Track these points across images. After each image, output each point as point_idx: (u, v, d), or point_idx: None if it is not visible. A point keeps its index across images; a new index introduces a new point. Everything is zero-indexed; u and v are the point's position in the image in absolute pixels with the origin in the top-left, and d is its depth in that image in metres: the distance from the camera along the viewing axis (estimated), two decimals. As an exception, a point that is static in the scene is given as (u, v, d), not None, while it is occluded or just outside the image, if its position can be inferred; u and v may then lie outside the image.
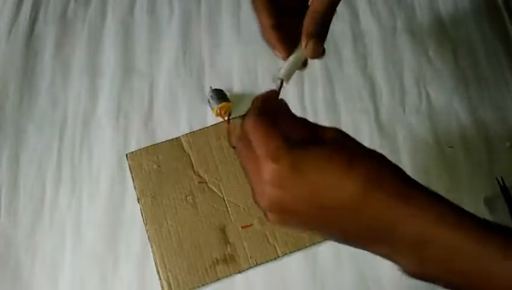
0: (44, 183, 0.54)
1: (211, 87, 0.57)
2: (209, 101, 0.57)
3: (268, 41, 0.37)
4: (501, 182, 0.53)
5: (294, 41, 0.36)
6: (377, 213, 0.30)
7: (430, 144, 0.57)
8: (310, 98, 0.59)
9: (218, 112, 0.56)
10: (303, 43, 0.36)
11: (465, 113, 0.58)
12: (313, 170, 0.30)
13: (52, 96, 0.60)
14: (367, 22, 0.65)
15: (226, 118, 0.56)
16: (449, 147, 0.56)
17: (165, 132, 0.57)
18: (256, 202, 0.33)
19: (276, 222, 0.33)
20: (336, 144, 0.32)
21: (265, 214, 0.34)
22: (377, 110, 0.59)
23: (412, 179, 0.31)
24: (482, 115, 0.58)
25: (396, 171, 0.31)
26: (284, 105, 0.35)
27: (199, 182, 0.54)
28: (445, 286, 0.31)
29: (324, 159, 0.30)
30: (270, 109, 0.33)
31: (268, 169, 0.30)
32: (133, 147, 0.56)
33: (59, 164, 0.55)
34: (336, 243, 0.34)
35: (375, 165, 0.31)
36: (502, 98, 0.59)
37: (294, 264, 0.50)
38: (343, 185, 0.30)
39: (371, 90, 0.60)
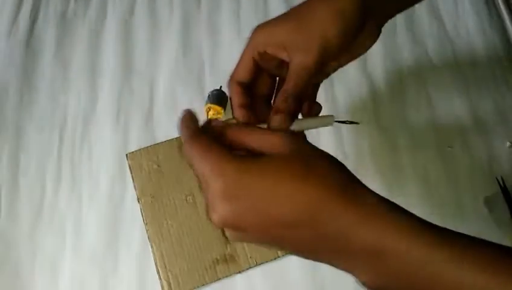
0: (44, 183, 0.54)
1: (220, 87, 0.57)
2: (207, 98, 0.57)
3: (236, 118, 0.37)
4: (501, 182, 0.53)
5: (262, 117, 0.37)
6: (328, 223, 0.29)
7: (430, 144, 0.57)
8: (310, 98, 0.59)
9: (207, 110, 0.56)
10: (271, 115, 0.36)
11: (465, 113, 0.58)
12: (262, 182, 0.29)
13: (52, 95, 0.60)
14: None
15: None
16: (449, 147, 0.56)
17: (165, 132, 0.57)
18: (210, 219, 0.32)
19: (234, 239, 0.32)
20: (286, 153, 0.31)
21: (222, 232, 0.32)
22: (377, 110, 0.59)
23: (366, 187, 0.31)
24: (482, 115, 0.58)
25: (346, 176, 0.31)
26: (218, 122, 0.34)
27: (199, 182, 0.54)
28: None
29: (276, 169, 0.30)
30: (204, 128, 0.33)
31: (215, 184, 0.30)
32: (133, 147, 0.56)
33: (59, 164, 0.55)
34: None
35: (328, 173, 0.30)
36: (502, 98, 0.59)
37: (294, 264, 0.50)
38: (297, 197, 0.29)
39: (371, 90, 0.60)
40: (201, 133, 0.32)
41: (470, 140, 0.57)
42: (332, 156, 0.31)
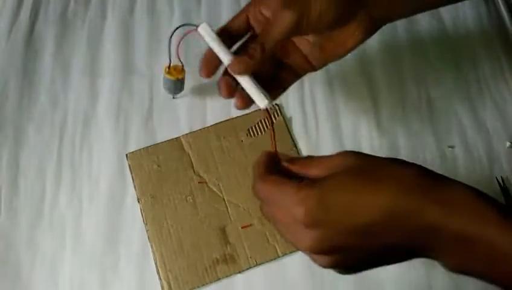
0: (44, 183, 0.54)
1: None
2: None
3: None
4: (501, 182, 0.53)
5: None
6: (411, 219, 0.29)
7: (430, 144, 0.57)
8: (310, 98, 0.59)
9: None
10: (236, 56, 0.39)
11: (465, 113, 0.58)
12: (339, 198, 0.31)
13: (52, 96, 0.59)
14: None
15: None
16: (449, 147, 0.56)
17: (165, 132, 0.57)
18: (308, 253, 0.33)
19: (331, 265, 0.33)
20: (351, 166, 0.32)
21: (317, 263, 0.34)
22: (377, 110, 0.59)
23: (443, 177, 0.31)
24: (482, 115, 0.58)
25: (421, 173, 0.31)
26: (283, 155, 0.37)
27: (199, 182, 0.54)
28: (491, 283, 0.30)
29: (344, 184, 0.31)
30: (271, 167, 0.35)
31: (299, 215, 0.31)
32: (133, 147, 0.56)
33: (59, 164, 0.55)
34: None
35: (396, 172, 0.31)
36: (502, 98, 0.59)
37: (294, 264, 0.50)
38: (372, 201, 0.30)
39: (371, 90, 0.60)
40: (271, 170, 0.35)
41: (470, 140, 0.57)
42: (398, 159, 0.32)
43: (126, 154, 0.55)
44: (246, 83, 0.40)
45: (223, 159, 0.55)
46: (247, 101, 0.41)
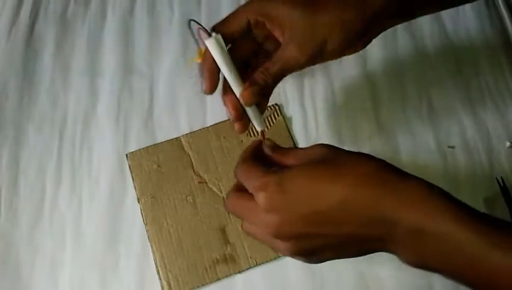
0: (44, 183, 0.54)
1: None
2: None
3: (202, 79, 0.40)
4: (501, 182, 0.53)
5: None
6: (368, 209, 0.30)
7: (430, 144, 0.57)
8: (310, 98, 0.59)
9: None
10: (246, 85, 0.39)
11: (465, 113, 0.58)
12: (299, 185, 0.32)
13: (52, 96, 0.60)
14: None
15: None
16: (449, 147, 0.56)
17: (165, 132, 0.57)
18: (268, 239, 0.35)
19: (292, 252, 0.34)
20: (318, 157, 0.34)
21: (280, 251, 0.35)
22: (377, 110, 0.59)
23: (404, 172, 0.32)
24: (482, 115, 0.58)
25: (384, 167, 0.32)
26: (268, 145, 0.39)
27: (199, 182, 0.54)
28: (448, 277, 0.31)
29: (306, 173, 0.33)
30: (255, 154, 0.37)
31: (260, 199, 0.33)
32: (133, 147, 0.56)
33: (59, 164, 0.55)
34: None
35: (359, 165, 0.32)
36: (502, 98, 0.59)
37: (294, 264, 0.50)
38: (330, 189, 0.31)
39: (371, 90, 0.60)
40: (253, 156, 0.37)
41: (470, 140, 0.57)
42: (365, 153, 0.33)
43: (126, 154, 0.55)
44: (250, 109, 0.41)
45: (223, 159, 0.55)
46: (247, 125, 0.42)
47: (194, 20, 0.38)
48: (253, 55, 0.42)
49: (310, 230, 0.32)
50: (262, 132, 0.41)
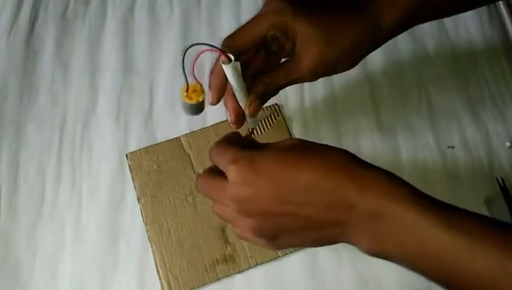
0: (44, 182, 0.54)
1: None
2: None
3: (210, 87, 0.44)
4: (501, 182, 0.53)
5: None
6: (329, 194, 0.32)
7: (430, 144, 0.57)
8: (310, 98, 0.59)
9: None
10: (250, 98, 0.42)
11: (465, 113, 0.58)
12: (269, 165, 0.34)
13: (52, 95, 0.59)
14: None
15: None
16: (449, 147, 0.56)
17: (165, 132, 0.57)
18: (227, 214, 0.37)
19: (254, 230, 0.36)
20: (289, 146, 0.36)
21: (245, 230, 0.37)
22: (377, 110, 0.59)
23: (367, 163, 0.34)
24: (482, 115, 0.58)
25: (348, 157, 0.34)
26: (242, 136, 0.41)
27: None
28: (402, 264, 0.32)
29: (277, 155, 0.34)
30: (231, 139, 0.39)
31: (231, 172, 0.34)
32: (133, 146, 0.56)
33: (59, 163, 0.55)
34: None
35: (326, 153, 0.34)
36: (502, 98, 0.59)
37: (294, 264, 0.50)
38: (297, 172, 0.33)
39: (371, 90, 0.60)
40: (223, 140, 0.39)
41: (470, 140, 0.57)
42: (335, 147, 0.35)
43: (126, 154, 0.55)
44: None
45: (223, 159, 0.55)
46: (243, 123, 0.46)
47: (206, 44, 0.39)
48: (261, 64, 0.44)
49: (274, 208, 0.33)
50: (253, 129, 0.45)
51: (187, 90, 0.47)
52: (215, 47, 0.39)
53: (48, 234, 0.52)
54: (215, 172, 0.38)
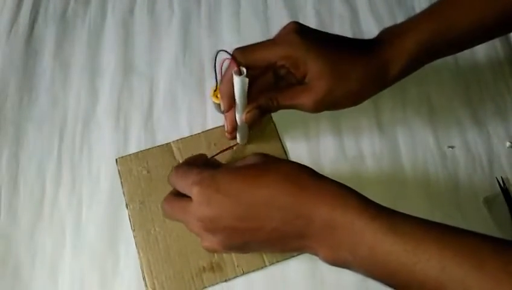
0: (44, 183, 0.54)
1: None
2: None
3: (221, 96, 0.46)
4: (501, 182, 0.53)
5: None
6: (288, 208, 0.34)
7: (430, 144, 0.57)
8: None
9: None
10: (248, 107, 0.44)
11: (465, 113, 0.58)
12: (230, 183, 0.36)
13: (52, 96, 0.60)
14: (367, 22, 0.65)
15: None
16: (449, 147, 0.56)
17: (165, 132, 0.57)
18: (195, 231, 0.39)
19: (221, 245, 0.38)
20: (250, 162, 0.39)
21: (213, 245, 0.39)
22: (377, 110, 0.59)
23: (321, 175, 0.36)
24: (482, 115, 0.58)
25: (303, 172, 0.36)
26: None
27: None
28: (363, 273, 0.35)
29: (238, 173, 0.36)
30: (196, 160, 0.42)
31: (195, 193, 0.36)
32: (132, 147, 0.56)
33: (59, 163, 0.55)
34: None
35: (282, 169, 0.36)
36: (502, 99, 0.59)
37: (294, 264, 0.50)
38: (257, 189, 0.35)
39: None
40: (184, 163, 0.42)
41: (470, 140, 0.57)
42: (292, 161, 0.39)
43: (116, 159, 0.55)
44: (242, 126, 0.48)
45: (213, 166, 0.54)
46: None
47: (226, 51, 0.41)
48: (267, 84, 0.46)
49: (238, 224, 0.36)
50: (236, 145, 0.50)
51: (215, 90, 0.53)
52: (232, 56, 0.41)
53: (48, 234, 0.52)
54: (178, 195, 0.40)
